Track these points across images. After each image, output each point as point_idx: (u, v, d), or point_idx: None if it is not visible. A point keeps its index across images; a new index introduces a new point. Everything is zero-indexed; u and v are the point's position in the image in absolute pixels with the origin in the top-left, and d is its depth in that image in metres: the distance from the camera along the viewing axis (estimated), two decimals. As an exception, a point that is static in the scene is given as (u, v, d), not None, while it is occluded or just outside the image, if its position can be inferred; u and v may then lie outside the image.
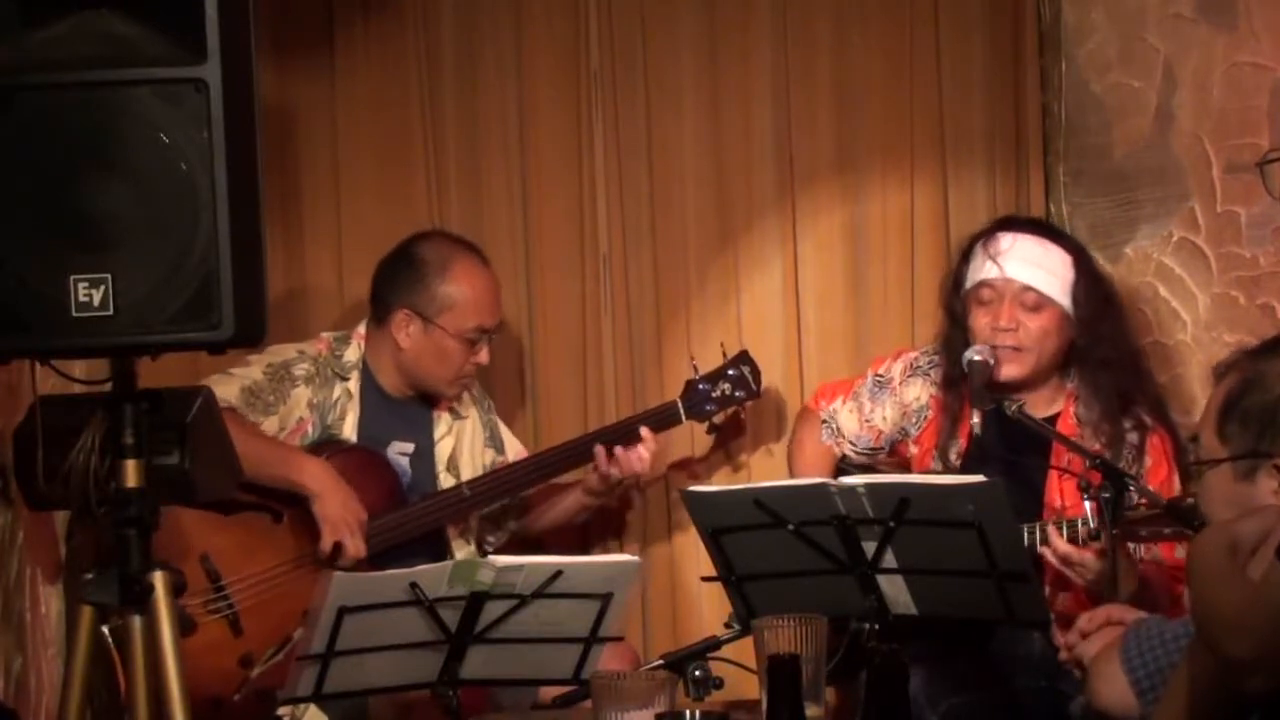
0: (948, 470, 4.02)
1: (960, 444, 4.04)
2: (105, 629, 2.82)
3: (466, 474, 4.22)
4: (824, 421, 4.25)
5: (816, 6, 4.61)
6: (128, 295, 2.72)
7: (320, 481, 3.94)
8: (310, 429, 4.07)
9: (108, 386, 2.86)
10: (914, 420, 4.15)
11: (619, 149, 4.59)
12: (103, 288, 2.71)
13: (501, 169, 4.60)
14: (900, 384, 4.18)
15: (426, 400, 4.22)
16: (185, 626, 2.86)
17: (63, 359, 2.90)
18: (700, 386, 4.36)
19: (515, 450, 4.34)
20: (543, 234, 4.60)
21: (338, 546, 3.93)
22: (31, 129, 2.72)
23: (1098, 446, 3.93)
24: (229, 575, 3.83)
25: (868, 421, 4.20)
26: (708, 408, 4.36)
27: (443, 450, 4.21)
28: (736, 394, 4.37)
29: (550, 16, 4.59)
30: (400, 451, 4.18)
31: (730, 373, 4.38)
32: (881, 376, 4.22)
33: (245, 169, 2.79)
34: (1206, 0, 4.27)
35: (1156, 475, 3.98)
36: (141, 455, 2.83)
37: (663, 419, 4.33)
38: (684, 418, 4.35)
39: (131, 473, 2.82)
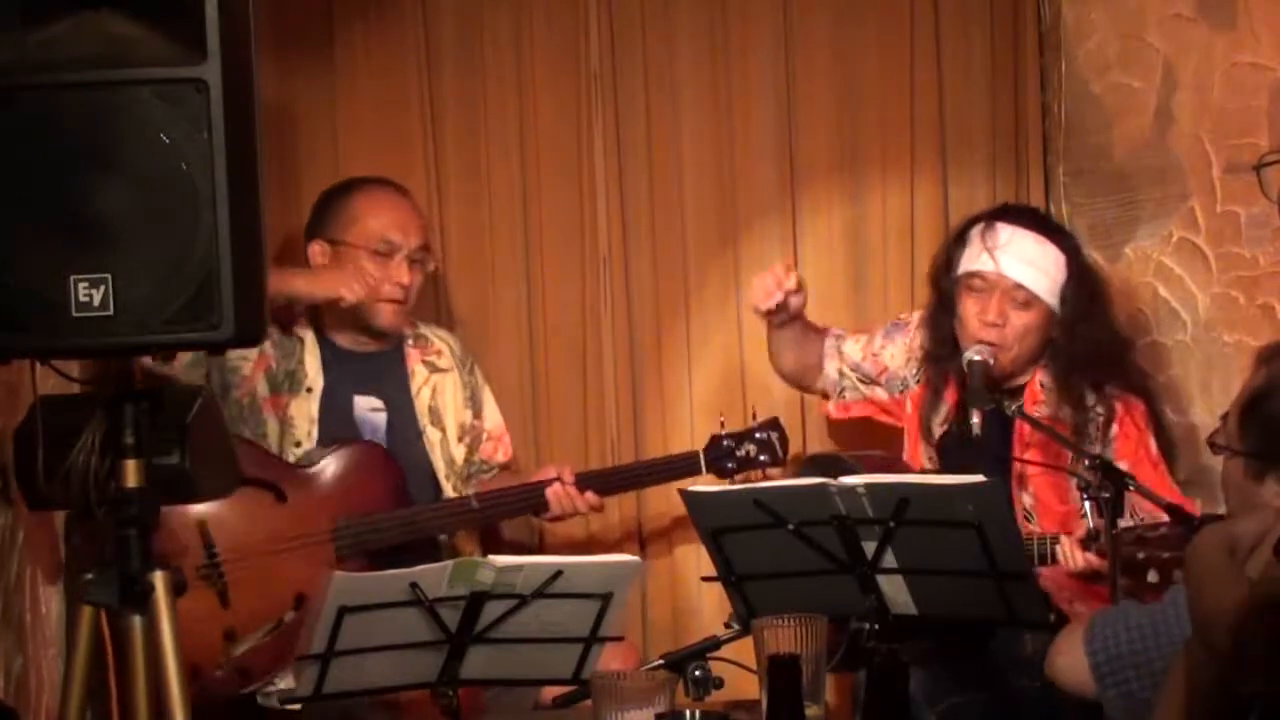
0: (929, 442, 4.06)
1: (942, 414, 4.06)
2: (103, 615, 2.82)
3: (451, 428, 4.22)
4: (830, 339, 4.29)
5: (817, 6, 4.61)
6: (128, 295, 2.72)
7: (307, 279, 4.03)
8: (273, 365, 4.07)
9: (108, 387, 2.86)
10: (914, 371, 4.18)
11: (619, 149, 4.59)
12: (103, 288, 2.71)
13: (502, 169, 4.60)
14: (915, 328, 4.20)
15: (396, 352, 4.21)
16: (176, 589, 2.85)
17: (63, 359, 2.89)
18: (725, 443, 4.29)
19: (493, 421, 4.30)
20: (543, 234, 4.60)
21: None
22: (31, 129, 2.72)
23: (1065, 423, 3.95)
24: (224, 545, 3.83)
25: (875, 354, 4.23)
26: (729, 465, 4.28)
27: (422, 402, 4.20)
28: (760, 458, 4.30)
29: (550, 16, 4.59)
30: (371, 408, 4.16)
31: (758, 436, 4.30)
32: (900, 321, 4.26)
33: (245, 169, 2.79)
34: (1206, 0, 4.27)
35: (1126, 438, 3.99)
36: (141, 455, 2.83)
37: (682, 468, 4.29)
38: (704, 470, 4.29)
39: (131, 473, 2.82)
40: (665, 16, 4.60)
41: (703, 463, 4.29)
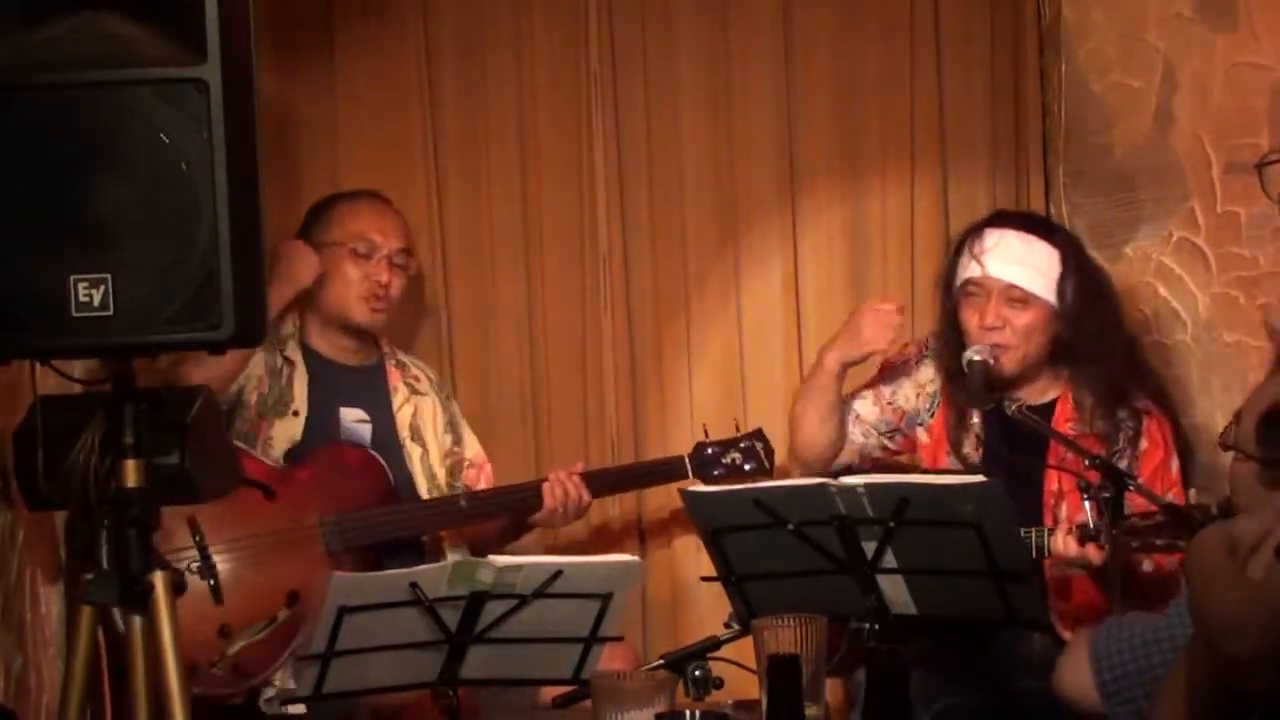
0: (963, 465, 4.03)
1: (973, 437, 4.05)
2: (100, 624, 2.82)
3: (431, 446, 4.23)
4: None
5: (817, 6, 4.61)
6: (128, 295, 2.71)
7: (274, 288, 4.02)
8: (266, 390, 4.11)
9: (108, 386, 2.86)
10: (928, 405, 4.16)
11: (619, 149, 4.60)
12: (103, 288, 2.71)
13: (501, 169, 4.61)
14: (915, 364, 4.18)
15: (379, 369, 4.24)
16: (175, 589, 2.85)
17: (63, 359, 2.89)
18: (709, 450, 4.31)
19: (474, 450, 4.32)
20: (543, 234, 4.61)
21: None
22: (32, 129, 2.71)
23: (1095, 435, 3.94)
24: (215, 539, 3.85)
25: (890, 404, 4.19)
26: (715, 472, 4.30)
27: (403, 418, 4.23)
28: (746, 466, 4.31)
29: (550, 16, 4.59)
30: (357, 419, 4.20)
31: (742, 445, 4.32)
32: (896, 360, 4.22)
33: (245, 169, 2.79)
34: (1206, 0, 4.28)
35: (1152, 459, 3.99)
36: (141, 455, 2.82)
37: (667, 473, 4.31)
38: (690, 475, 4.30)
39: (131, 473, 2.81)
40: (665, 16, 4.60)
41: (689, 468, 4.31)
